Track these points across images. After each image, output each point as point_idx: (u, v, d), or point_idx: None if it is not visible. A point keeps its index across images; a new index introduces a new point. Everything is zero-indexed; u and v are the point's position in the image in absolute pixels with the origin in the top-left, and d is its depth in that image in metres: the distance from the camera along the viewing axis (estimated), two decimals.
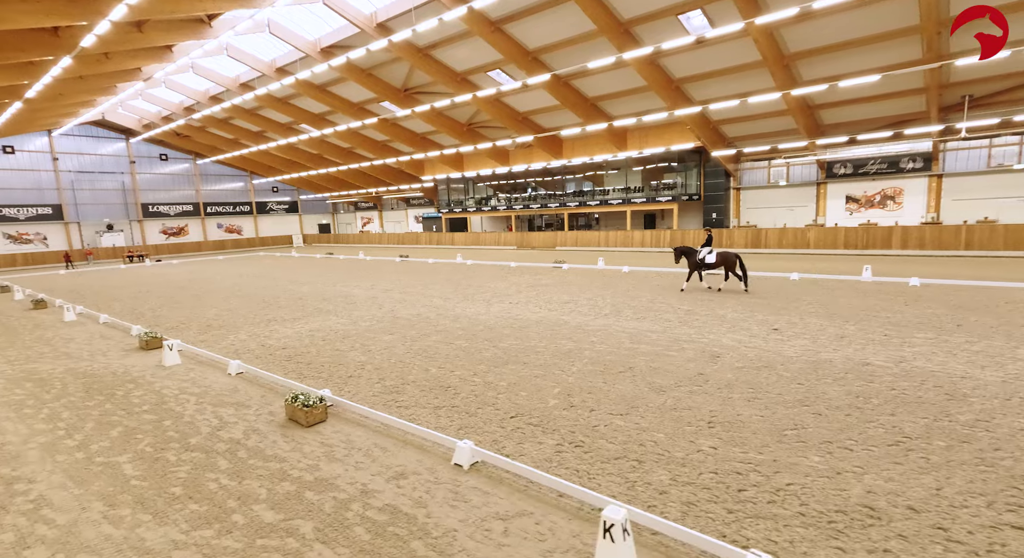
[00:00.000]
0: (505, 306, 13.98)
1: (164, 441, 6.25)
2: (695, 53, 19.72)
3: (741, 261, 14.30)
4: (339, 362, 9.30)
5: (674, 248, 15.34)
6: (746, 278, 14.38)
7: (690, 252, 14.95)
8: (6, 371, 9.80)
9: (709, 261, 14.54)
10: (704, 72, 20.74)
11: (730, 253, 14.47)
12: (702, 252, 14.79)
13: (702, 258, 14.71)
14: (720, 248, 15.19)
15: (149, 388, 8.39)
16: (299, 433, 6.30)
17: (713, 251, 14.69)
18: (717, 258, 14.44)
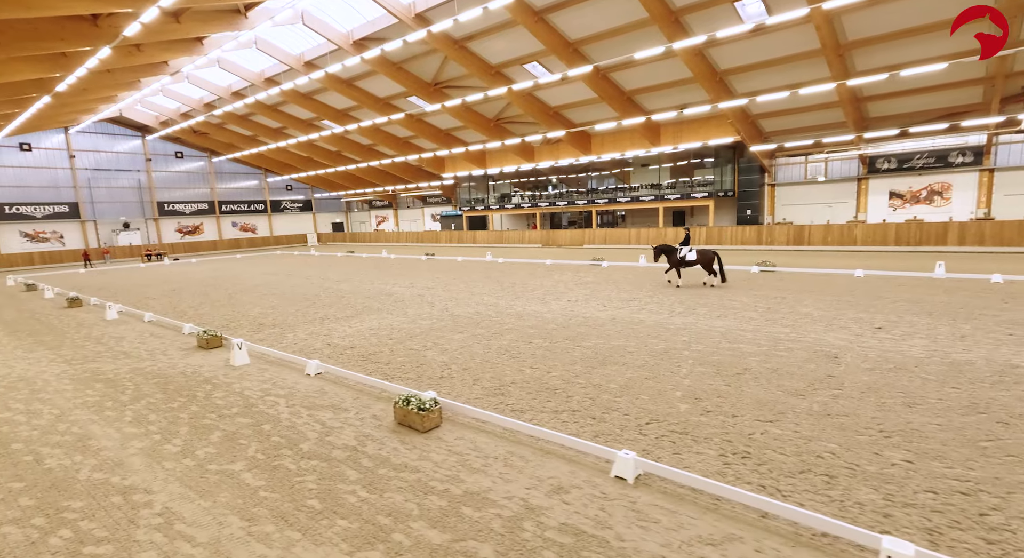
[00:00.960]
0: (564, 304, 13.48)
1: (273, 447, 5.77)
2: (743, 43, 19.14)
3: (719, 258, 15.00)
4: (419, 362, 8.81)
5: (654, 247, 15.60)
6: (723, 274, 15.16)
7: (670, 250, 15.35)
8: (69, 371, 9.35)
9: (690, 259, 15.00)
10: (750, 63, 20.14)
11: (708, 251, 15.05)
12: (683, 250, 15.19)
13: (683, 256, 15.08)
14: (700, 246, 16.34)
15: (229, 389, 7.92)
16: (417, 439, 5.81)
17: (693, 249, 15.20)
18: (697, 256, 14.95)
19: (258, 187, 54.13)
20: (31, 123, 31.29)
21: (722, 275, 15.13)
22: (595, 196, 33.54)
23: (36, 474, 5.42)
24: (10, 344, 11.87)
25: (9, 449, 6.06)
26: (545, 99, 26.64)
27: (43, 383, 8.69)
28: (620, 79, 23.31)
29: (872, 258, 20.47)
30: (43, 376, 9.12)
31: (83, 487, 5.10)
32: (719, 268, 14.99)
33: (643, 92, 23.97)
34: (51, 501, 4.88)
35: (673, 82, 22.52)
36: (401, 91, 27.94)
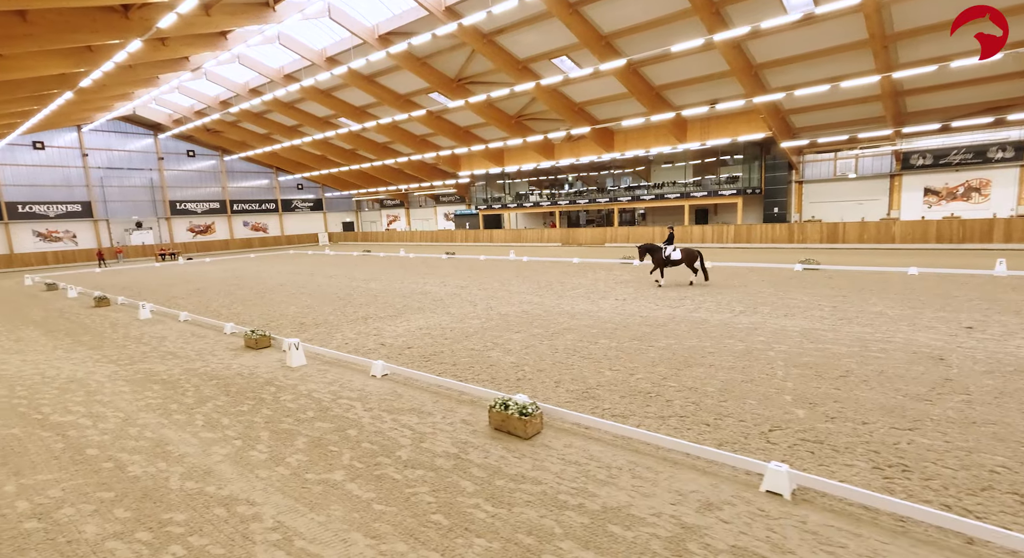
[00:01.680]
0: (614, 302, 13.05)
1: (367, 455, 5.36)
2: (782, 35, 18.67)
3: (702, 257, 15.04)
4: (487, 363, 8.40)
5: (639, 246, 15.57)
6: (706, 272, 15.28)
7: (655, 249, 15.27)
8: (120, 372, 8.98)
9: (675, 258, 14.98)
10: (788, 56, 19.67)
11: (693, 250, 15.12)
12: (667, 249, 15.14)
13: (668, 255, 15.03)
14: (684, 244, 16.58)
15: (295, 392, 7.53)
16: (522, 446, 5.39)
17: (677, 248, 15.18)
18: (682, 254, 14.96)
19: (269, 186, 53.81)
20: (47, 120, 31.00)
21: (705, 273, 15.22)
22: (617, 194, 33.06)
23: (123, 483, 5.03)
24: (48, 344, 11.52)
25: (85, 455, 5.68)
26: (571, 95, 26.21)
27: (96, 384, 8.31)
28: (650, 74, 22.87)
29: (916, 256, 19.92)
30: (94, 377, 8.75)
31: (178, 497, 4.71)
32: (702, 266, 15.08)
33: (673, 87, 23.52)
34: (149, 513, 4.50)
35: (705, 77, 22.06)
36: (423, 87, 27.54)
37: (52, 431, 6.44)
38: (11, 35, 13.45)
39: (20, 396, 7.88)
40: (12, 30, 13.28)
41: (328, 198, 58.14)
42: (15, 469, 5.44)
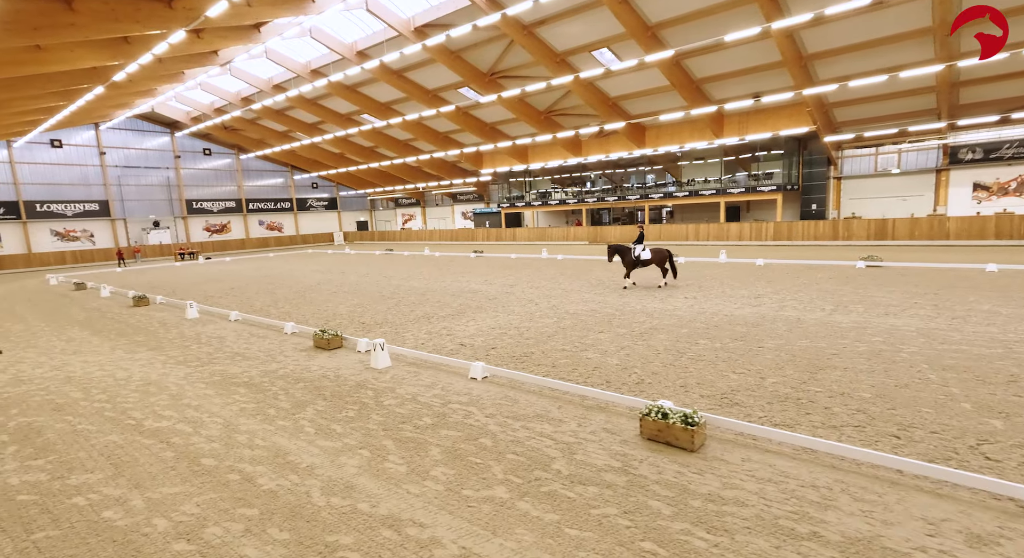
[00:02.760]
0: (685, 301, 12.45)
1: (519, 468, 4.81)
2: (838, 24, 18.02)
3: (671, 256, 14.72)
4: (589, 364, 7.83)
5: (608, 246, 15.09)
6: (675, 271, 14.98)
7: (624, 250, 14.84)
8: (193, 374, 8.46)
9: (644, 258, 14.56)
10: (841, 46, 19.03)
11: (663, 249, 14.79)
12: (637, 249, 14.71)
13: (637, 255, 14.61)
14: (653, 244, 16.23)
15: (397, 395, 6.99)
16: (695, 461, 4.80)
17: (647, 248, 14.76)
18: (652, 254, 14.56)
19: (284, 185, 53.34)
20: (69, 118, 30.55)
21: (674, 272, 14.93)
22: (649, 191, 32.44)
23: (260, 497, 4.50)
24: (104, 345, 11.01)
25: (202, 465, 5.15)
26: (605, 89, 25.65)
27: (176, 387, 7.80)
28: (693, 66, 22.29)
29: (979, 253, 19.13)
30: (169, 379, 8.23)
31: (332, 516, 4.17)
32: (671, 266, 14.76)
33: (714, 80, 22.92)
34: (308, 534, 3.96)
35: (750, 69, 21.46)
36: (453, 82, 27.01)
37: (154, 438, 5.92)
38: (56, 24, 12.95)
39: (100, 400, 7.37)
40: (57, 18, 12.78)
41: (343, 197, 57.69)
42: (134, 480, 4.92)
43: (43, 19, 12.31)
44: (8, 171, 37.69)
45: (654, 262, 14.48)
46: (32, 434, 6.21)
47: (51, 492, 4.80)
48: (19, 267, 37.05)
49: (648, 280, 16.08)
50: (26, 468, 5.30)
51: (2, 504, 4.60)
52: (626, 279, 15.27)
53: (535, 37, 21.62)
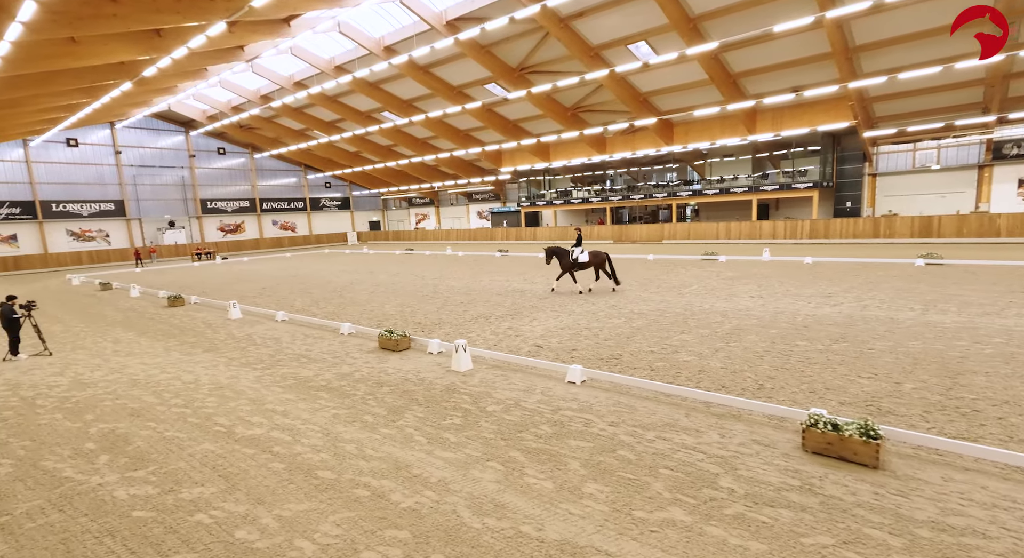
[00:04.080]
0: (752, 300, 11.97)
1: (680, 485, 4.33)
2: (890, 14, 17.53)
3: (610, 260, 14.34)
4: (692, 367, 7.32)
5: (545, 249, 14.72)
6: (615, 276, 14.43)
7: (562, 253, 14.47)
8: (264, 378, 8.02)
9: (582, 261, 14.24)
10: (890, 37, 18.47)
11: (600, 252, 14.40)
12: (575, 252, 14.38)
13: (575, 258, 14.27)
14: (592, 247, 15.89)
15: (497, 401, 6.52)
16: (882, 478, 4.27)
17: (585, 251, 14.39)
18: (589, 257, 14.23)
19: (297, 184, 52.95)
20: (91, 116, 30.23)
21: (614, 277, 14.37)
22: (676, 188, 31.89)
23: (404, 517, 4.04)
24: (156, 346, 10.59)
25: (321, 478, 4.69)
26: (637, 84, 25.17)
27: (253, 391, 7.35)
28: (731, 60, 21.77)
29: None
30: (241, 383, 7.80)
31: (497, 541, 3.70)
32: (610, 269, 14.33)
33: (753, 74, 22.38)
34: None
35: (792, 62, 20.90)
36: (479, 78, 26.54)
37: (253, 446, 5.48)
38: (99, 15, 12.55)
39: (177, 404, 6.94)
40: (101, 8, 12.37)
41: (355, 197, 57.30)
42: (253, 495, 4.48)
43: (87, 9, 11.91)
44: (24, 170, 37.41)
45: (591, 265, 14.15)
46: (120, 442, 5.78)
47: (167, 508, 4.36)
48: (36, 267, 36.75)
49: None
50: (129, 480, 4.87)
51: (120, 521, 4.17)
52: (559, 279, 15.21)
53: (571, 30, 21.13)
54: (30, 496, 4.64)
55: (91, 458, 5.39)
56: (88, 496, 4.59)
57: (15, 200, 36.63)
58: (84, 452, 5.54)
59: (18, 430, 6.27)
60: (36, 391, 7.82)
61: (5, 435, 6.07)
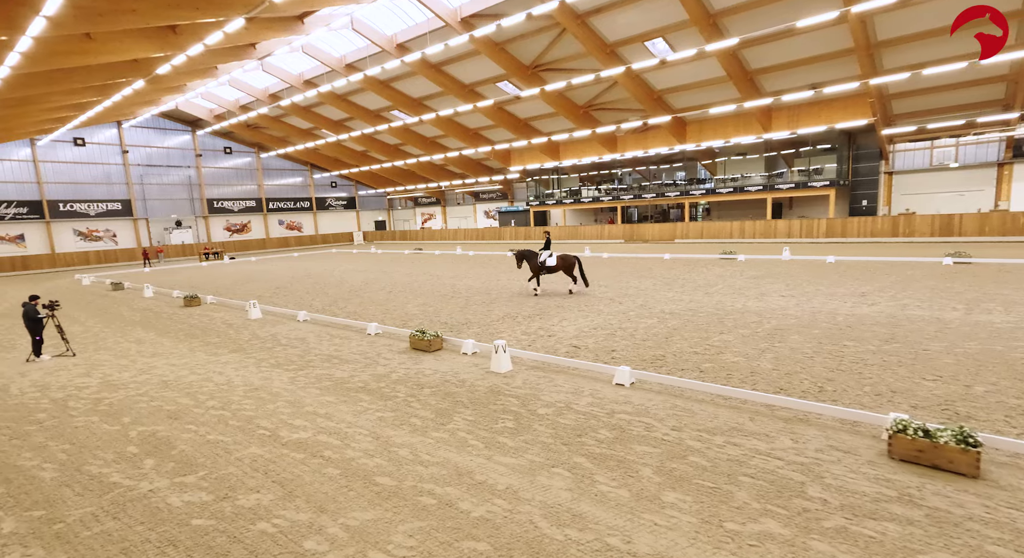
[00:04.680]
0: (784, 299, 11.74)
1: (766, 494, 4.10)
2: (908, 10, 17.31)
3: (580, 263, 14.12)
4: (743, 369, 7.07)
5: (515, 252, 14.61)
6: (585, 279, 14.24)
7: (531, 256, 14.32)
8: (299, 379, 7.81)
9: (550, 264, 14.05)
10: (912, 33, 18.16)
11: (569, 256, 14.19)
12: (543, 255, 14.16)
13: (543, 261, 14.06)
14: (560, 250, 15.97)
15: (547, 403, 6.29)
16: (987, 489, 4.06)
17: (553, 254, 14.21)
18: (557, 261, 14.02)
19: (303, 184, 52.77)
20: (101, 115, 30.08)
21: (584, 280, 14.21)
22: (689, 187, 31.60)
23: (480, 527, 3.83)
24: (179, 346, 10.39)
25: (381, 485, 4.47)
26: (651, 82, 24.93)
27: (289, 393, 7.15)
28: (749, 56, 21.53)
29: None
30: (275, 385, 7.59)
31: (588, 555, 3.47)
32: (581, 273, 14.17)
33: (770, 71, 22.12)
34: None
35: (811, 58, 20.65)
36: (492, 76, 26.31)
37: (302, 451, 5.27)
38: (118, 10, 12.36)
39: (214, 407, 6.74)
40: (120, 4, 12.20)
41: (361, 196, 57.13)
42: (314, 503, 4.27)
43: (107, 4, 11.72)
44: (31, 170, 37.25)
45: (559, 269, 13.96)
46: (163, 446, 5.58)
47: (225, 516, 4.16)
48: (44, 267, 36.62)
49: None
50: (180, 486, 4.67)
51: (179, 530, 3.97)
52: (530, 282, 14.88)
53: (587, 26, 20.89)
54: (80, 502, 4.45)
55: (136, 462, 5.19)
56: (140, 503, 4.39)
57: (22, 200, 36.44)
58: (127, 456, 5.34)
59: (55, 433, 6.08)
60: (66, 393, 7.64)
61: (43, 438, 5.88)
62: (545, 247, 14.49)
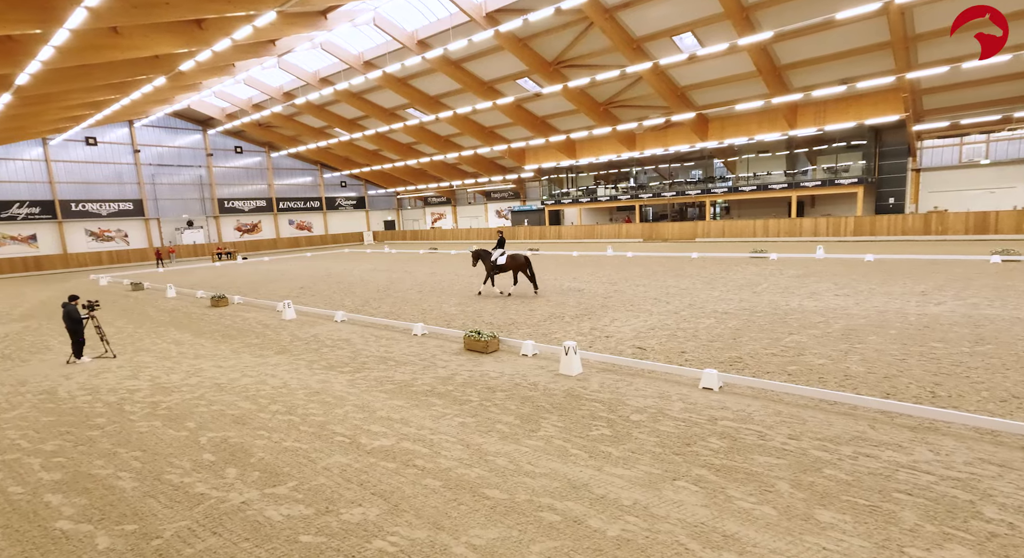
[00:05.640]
0: (838, 299, 11.35)
1: (938, 516, 3.70)
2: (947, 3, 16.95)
3: (530, 263, 14.02)
4: (836, 371, 6.69)
5: (472, 251, 14.90)
6: (534, 281, 14.22)
7: (485, 255, 14.50)
8: (359, 382, 7.46)
9: (500, 263, 14.14)
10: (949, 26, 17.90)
11: (519, 256, 14.14)
12: (495, 254, 14.29)
13: (495, 260, 14.18)
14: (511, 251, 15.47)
15: (637, 409, 5.91)
16: None
17: (505, 253, 14.26)
18: (507, 260, 14.09)
19: (313, 184, 52.48)
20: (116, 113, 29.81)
21: (534, 282, 14.16)
22: (711, 185, 31.16)
23: (623, 549, 3.48)
24: (221, 348, 10.05)
25: (492, 498, 4.11)
26: (676, 78, 24.55)
27: (356, 397, 6.79)
28: (779, 51, 21.15)
29: None
30: (335, 388, 7.24)
31: None
32: (530, 273, 14.02)
33: (800, 66, 21.71)
34: None
35: (844, 52, 20.24)
36: (512, 72, 25.95)
37: (391, 460, 4.92)
38: (152, 3, 12.07)
39: (280, 411, 6.39)
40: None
41: (370, 196, 56.84)
42: (427, 518, 3.91)
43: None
44: (44, 169, 37.03)
45: (509, 268, 14.03)
46: (239, 453, 5.23)
47: (334, 532, 3.81)
48: (57, 268, 36.38)
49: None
50: (273, 498, 4.32)
51: (289, 548, 3.62)
52: (483, 284, 15.19)
53: (615, 21, 20.53)
54: (171, 515, 4.11)
55: (216, 471, 4.85)
56: (237, 516, 4.05)
57: (34, 199, 36.19)
58: (205, 464, 5.01)
59: (121, 439, 5.74)
60: (118, 396, 7.30)
61: (110, 444, 5.55)
62: (498, 246, 14.82)
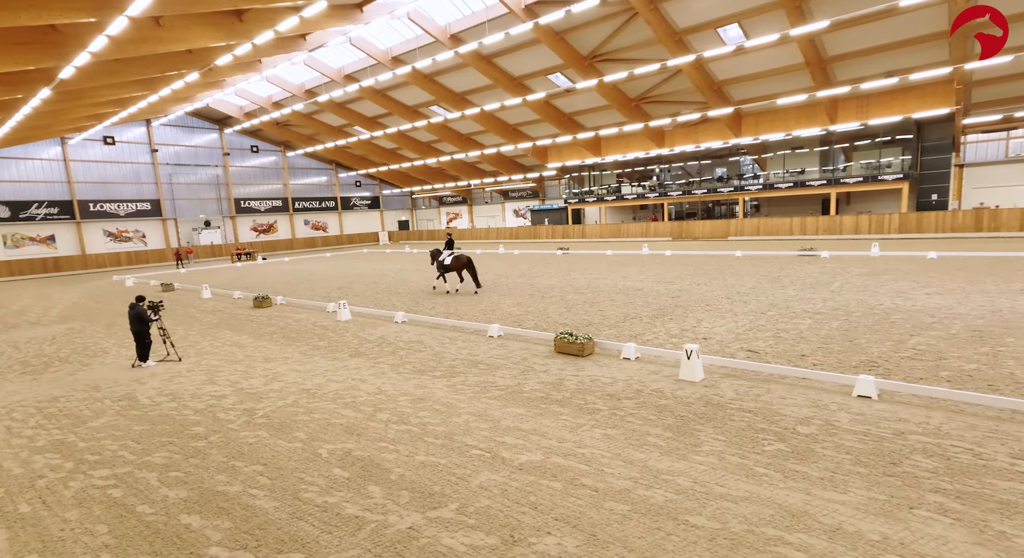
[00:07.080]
0: (928, 297, 10.74)
1: None
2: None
3: (472, 264, 14.89)
4: (993, 377, 6.07)
5: (431, 251, 15.86)
6: (476, 279, 14.97)
7: (436, 254, 15.56)
8: (460, 387, 6.87)
9: (446, 263, 15.03)
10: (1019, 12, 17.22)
11: (462, 256, 15.03)
12: (443, 254, 15.24)
13: (442, 260, 15.12)
14: (458, 251, 16.96)
15: (799, 419, 5.29)
16: None
17: (453, 253, 15.16)
18: (452, 261, 14.94)
19: (328, 183, 52.03)
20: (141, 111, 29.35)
21: (476, 281, 14.96)
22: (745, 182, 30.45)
23: None
24: (288, 351, 9.47)
25: (702, 527, 3.53)
26: (713, 72, 23.94)
27: (467, 405, 6.20)
28: (827, 43, 20.52)
29: None
30: (436, 394, 6.68)
31: None
32: (472, 273, 14.89)
33: (846, 58, 21.08)
34: None
35: (892, 44, 19.58)
36: (545, 67, 25.37)
37: (552, 478, 4.34)
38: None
39: (392, 421, 5.82)
40: None
41: (385, 196, 56.36)
42: (641, 552, 3.33)
43: None
44: (62, 169, 36.65)
45: (454, 268, 14.89)
46: (372, 468, 4.67)
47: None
48: (76, 269, 35.98)
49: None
50: (441, 523, 3.76)
51: None
52: (436, 280, 16.24)
53: (659, 12, 19.95)
54: (334, 542, 3.56)
55: (357, 489, 4.29)
56: (412, 546, 3.50)
57: (53, 200, 35.81)
58: (341, 481, 4.46)
59: (231, 451, 5.20)
60: (204, 403, 6.77)
61: (223, 457, 5.01)
62: (447, 247, 15.96)
